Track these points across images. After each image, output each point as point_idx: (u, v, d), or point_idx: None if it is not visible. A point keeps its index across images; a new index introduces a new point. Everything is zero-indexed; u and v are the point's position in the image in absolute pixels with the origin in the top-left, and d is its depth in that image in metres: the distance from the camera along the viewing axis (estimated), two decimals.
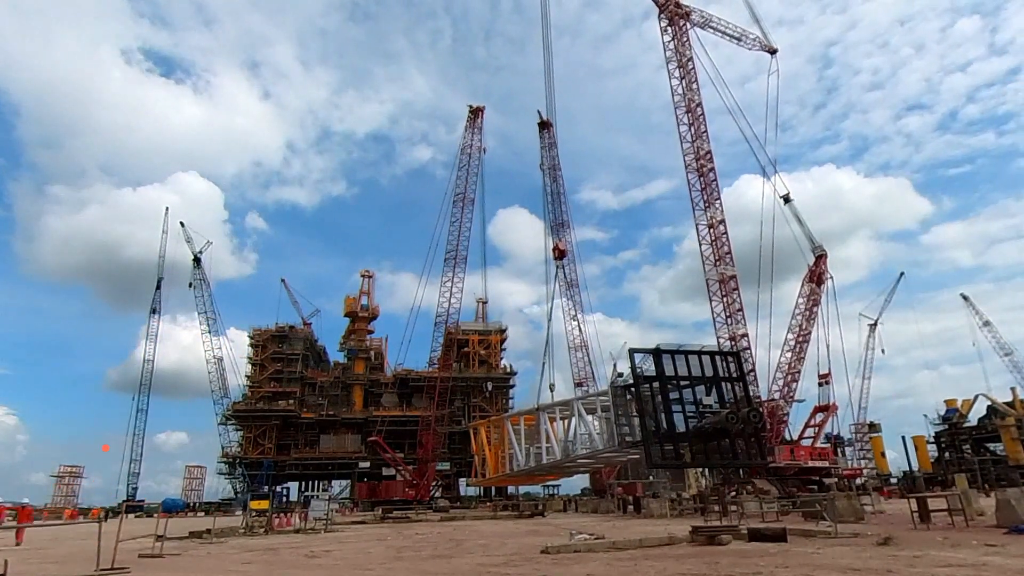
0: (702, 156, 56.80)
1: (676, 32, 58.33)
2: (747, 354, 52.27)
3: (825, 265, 61.12)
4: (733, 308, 54.23)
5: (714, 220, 54.98)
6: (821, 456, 54.11)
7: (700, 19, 60.20)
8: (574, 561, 12.71)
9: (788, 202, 61.27)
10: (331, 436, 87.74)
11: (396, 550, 17.22)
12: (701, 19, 60.30)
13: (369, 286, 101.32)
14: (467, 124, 73.55)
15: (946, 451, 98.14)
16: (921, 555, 11.66)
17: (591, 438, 39.34)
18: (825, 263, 61.29)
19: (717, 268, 54.26)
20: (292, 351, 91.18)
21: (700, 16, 60.17)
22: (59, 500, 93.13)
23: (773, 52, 63.94)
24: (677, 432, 31.28)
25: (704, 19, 60.53)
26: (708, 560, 11.86)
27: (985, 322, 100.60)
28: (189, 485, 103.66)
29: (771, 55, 63.89)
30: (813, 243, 61.81)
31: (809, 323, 59.59)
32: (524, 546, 16.79)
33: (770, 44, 63.97)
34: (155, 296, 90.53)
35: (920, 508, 19.42)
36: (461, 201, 70.55)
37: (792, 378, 59.10)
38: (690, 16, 59.31)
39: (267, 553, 17.15)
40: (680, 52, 58.13)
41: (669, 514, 34.53)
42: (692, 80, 57.70)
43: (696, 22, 59.74)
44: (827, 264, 61.37)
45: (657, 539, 15.85)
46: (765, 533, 15.73)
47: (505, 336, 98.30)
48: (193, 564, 14.79)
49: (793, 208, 61.56)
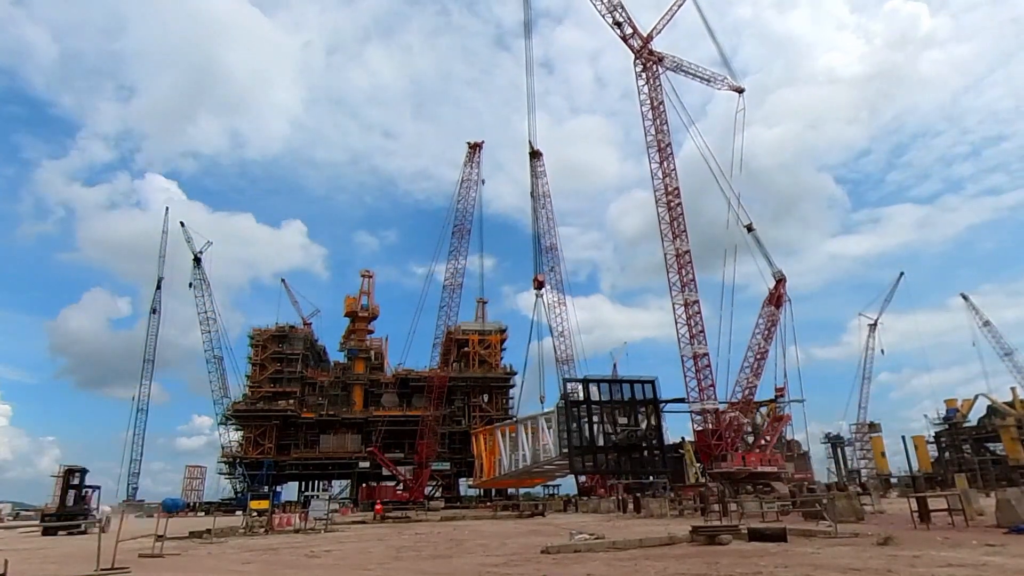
0: (671, 192, 61.28)
1: (649, 77, 62.89)
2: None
3: (784, 288, 64.48)
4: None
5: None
6: (770, 462, 59.87)
7: (672, 64, 64.66)
8: (574, 561, 12.71)
9: (751, 231, 66.07)
10: (331, 436, 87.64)
11: (396, 550, 17.22)
12: (673, 64, 64.75)
13: (369, 286, 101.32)
14: (467, 158, 77.99)
15: (946, 451, 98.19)
16: (921, 555, 11.66)
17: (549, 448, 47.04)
18: (784, 287, 64.57)
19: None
20: (292, 351, 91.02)
21: (672, 61, 64.67)
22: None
23: (740, 91, 69.50)
24: (597, 445, 40.87)
25: (676, 64, 65.01)
26: (708, 560, 11.86)
27: (985, 322, 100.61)
28: (189, 485, 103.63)
29: (739, 94, 69.33)
30: (772, 268, 65.43)
31: (767, 342, 63.02)
32: (524, 546, 16.79)
33: (737, 84, 69.63)
34: (155, 296, 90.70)
35: (920, 508, 19.41)
36: (459, 232, 75.20)
37: (750, 392, 63.12)
38: (663, 61, 63.91)
39: (267, 553, 17.15)
40: (652, 96, 62.60)
41: (669, 514, 34.50)
42: (663, 122, 62.55)
43: (668, 67, 64.33)
44: (785, 288, 64.75)
45: (657, 539, 15.84)
46: (765, 533, 15.73)
47: (505, 336, 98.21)
48: (193, 564, 14.79)
49: (756, 235, 66.22)
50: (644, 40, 63.03)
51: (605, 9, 61.70)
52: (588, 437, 40.93)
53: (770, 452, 62.89)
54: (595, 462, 42.28)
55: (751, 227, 65.94)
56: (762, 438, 66.89)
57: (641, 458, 42.54)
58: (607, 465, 42.73)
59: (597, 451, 41.10)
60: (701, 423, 60.61)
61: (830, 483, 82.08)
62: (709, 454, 58.94)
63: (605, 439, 41.16)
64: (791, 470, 67.64)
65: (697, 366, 58.55)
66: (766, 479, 56.91)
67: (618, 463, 42.46)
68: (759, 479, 56.88)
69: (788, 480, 61.05)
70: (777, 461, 61.70)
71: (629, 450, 41.76)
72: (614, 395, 42.83)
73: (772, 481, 56.29)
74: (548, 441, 47.36)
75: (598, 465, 42.84)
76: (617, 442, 40.90)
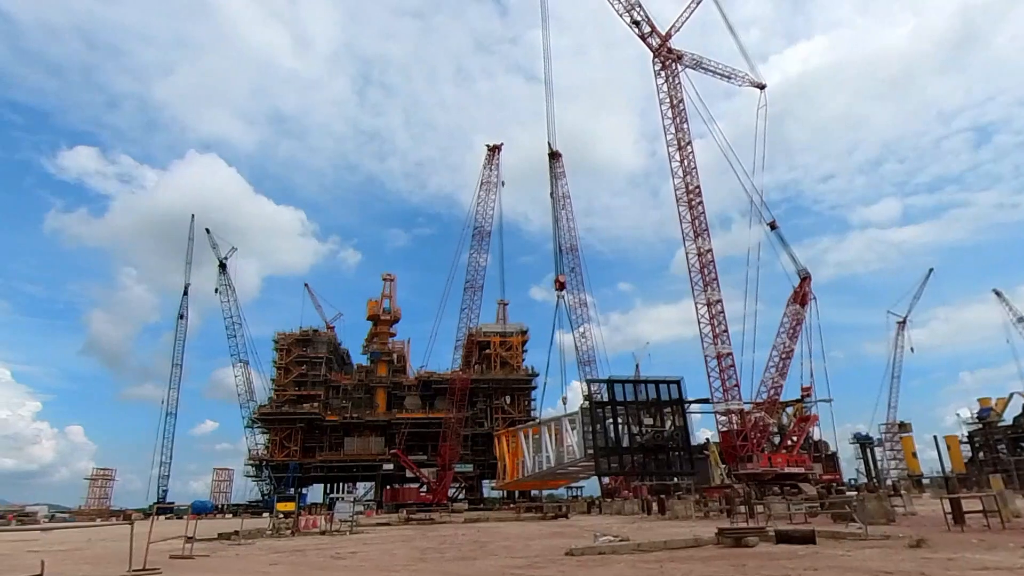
0: (691, 191, 60.25)
1: (668, 75, 62.06)
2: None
3: (809, 287, 63.30)
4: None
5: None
6: (798, 463, 59.04)
7: (691, 61, 63.52)
8: (599, 563, 12.65)
9: (774, 229, 64.59)
10: (355, 438, 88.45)
11: (420, 551, 17.31)
12: (692, 61, 63.59)
13: (391, 289, 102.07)
14: (486, 161, 78.02)
15: (980, 451, 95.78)
16: (956, 558, 11.37)
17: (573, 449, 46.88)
18: (809, 285, 63.31)
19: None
20: (316, 354, 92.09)
21: (691, 59, 63.55)
22: (92, 502, 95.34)
23: (762, 87, 67.66)
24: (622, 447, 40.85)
25: (695, 61, 63.80)
26: (735, 562, 11.71)
27: (1020, 318, 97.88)
28: (217, 487, 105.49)
29: (760, 90, 67.55)
30: (797, 266, 64.16)
31: (792, 341, 61.94)
32: (548, 548, 16.75)
33: (759, 80, 67.76)
34: (182, 302, 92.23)
35: (954, 510, 18.94)
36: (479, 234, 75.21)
37: (775, 392, 62.18)
38: (682, 59, 62.77)
39: (294, 554, 17.35)
40: (672, 94, 61.67)
41: (694, 515, 34.17)
42: (683, 120, 61.32)
43: (688, 64, 63.19)
44: (810, 286, 63.49)
45: (682, 541, 15.69)
46: (793, 535, 15.47)
47: (527, 337, 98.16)
48: (222, 565, 15.02)
49: (779, 233, 64.79)
50: (663, 38, 62.50)
51: (623, 8, 61.35)
52: (613, 438, 40.94)
53: (797, 453, 61.99)
54: (620, 463, 42.14)
55: (774, 224, 64.76)
56: (788, 439, 65.93)
57: (666, 459, 42.26)
58: (632, 466, 42.50)
59: (622, 452, 41.20)
60: (726, 424, 59.92)
61: (859, 484, 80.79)
62: (734, 455, 58.31)
63: (630, 440, 41.07)
64: (819, 471, 66.63)
65: (721, 366, 57.84)
66: (793, 480, 56.18)
67: (643, 464, 42.34)
68: (786, 480, 56.16)
69: (816, 481, 60.15)
70: (804, 462, 60.86)
71: (654, 451, 41.60)
72: (639, 396, 42.53)
73: (799, 482, 55.51)
74: (572, 442, 47.19)
75: (623, 466, 42.63)
76: (643, 443, 40.87)
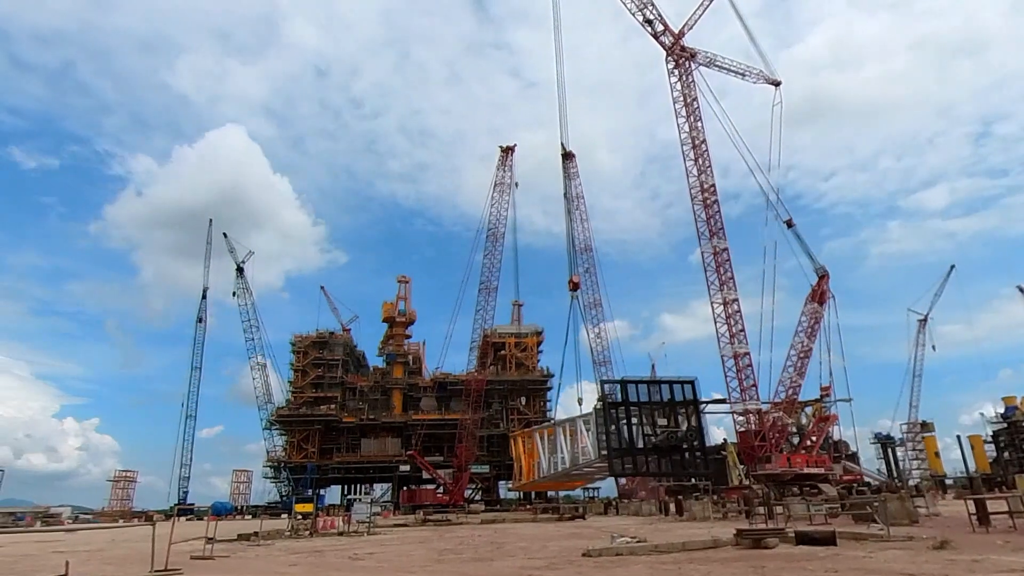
0: (706, 189, 60.22)
1: (682, 74, 62.16)
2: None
3: (827, 285, 62.57)
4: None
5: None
6: (817, 464, 58.76)
7: (705, 59, 63.41)
8: (616, 564, 12.59)
9: (791, 227, 64.10)
10: (372, 440, 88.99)
11: (438, 552, 17.35)
12: (706, 59, 63.48)
13: (406, 291, 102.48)
14: (499, 162, 78.92)
15: (1005, 450, 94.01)
16: (981, 559, 11.15)
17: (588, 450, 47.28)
18: (827, 283, 62.65)
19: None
20: (332, 357, 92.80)
21: (705, 56, 63.45)
22: (115, 503, 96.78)
23: (777, 84, 67.08)
24: (636, 447, 40.64)
25: (709, 59, 63.66)
26: (754, 564, 11.60)
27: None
28: (236, 489, 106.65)
29: (775, 87, 66.99)
30: (815, 264, 63.54)
31: (811, 340, 61.42)
32: (565, 549, 16.71)
33: (774, 77, 67.18)
34: (201, 305, 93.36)
35: (978, 510, 18.59)
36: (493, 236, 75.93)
37: (794, 392, 61.61)
38: (695, 57, 62.75)
39: (312, 555, 17.48)
40: (685, 92, 61.69)
41: (712, 517, 33.89)
42: (697, 119, 61.35)
43: (701, 62, 63.12)
44: (828, 284, 62.74)
45: (701, 542, 15.56)
46: (813, 536, 15.27)
47: (541, 338, 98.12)
48: (241, 566, 15.17)
49: (796, 231, 64.43)
50: (676, 36, 62.20)
51: (635, 7, 61.19)
52: (627, 439, 40.83)
53: (816, 453, 61.50)
54: (634, 464, 41.98)
55: (791, 223, 64.29)
56: (807, 439, 65.37)
57: (682, 460, 42.02)
58: (647, 467, 42.32)
59: (636, 453, 41.10)
60: (744, 424, 59.46)
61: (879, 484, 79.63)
62: (752, 456, 57.84)
63: (644, 441, 40.85)
64: (839, 471, 65.94)
65: (738, 365, 57.45)
66: (813, 481, 55.68)
67: (658, 465, 42.20)
68: (805, 481, 55.68)
69: (836, 482, 59.55)
70: (824, 462, 60.44)
71: (669, 452, 41.36)
72: (653, 396, 42.46)
73: (819, 483, 55.01)
74: (587, 443, 47.22)
75: (637, 467, 42.43)
76: (657, 443, 40.59)
